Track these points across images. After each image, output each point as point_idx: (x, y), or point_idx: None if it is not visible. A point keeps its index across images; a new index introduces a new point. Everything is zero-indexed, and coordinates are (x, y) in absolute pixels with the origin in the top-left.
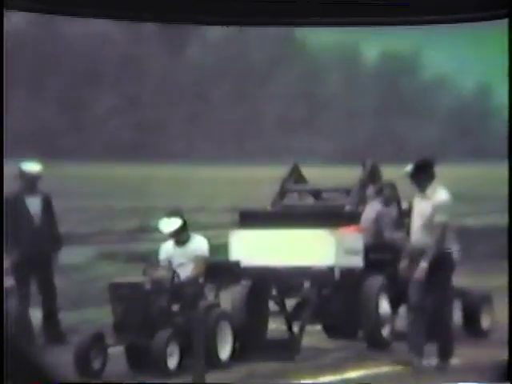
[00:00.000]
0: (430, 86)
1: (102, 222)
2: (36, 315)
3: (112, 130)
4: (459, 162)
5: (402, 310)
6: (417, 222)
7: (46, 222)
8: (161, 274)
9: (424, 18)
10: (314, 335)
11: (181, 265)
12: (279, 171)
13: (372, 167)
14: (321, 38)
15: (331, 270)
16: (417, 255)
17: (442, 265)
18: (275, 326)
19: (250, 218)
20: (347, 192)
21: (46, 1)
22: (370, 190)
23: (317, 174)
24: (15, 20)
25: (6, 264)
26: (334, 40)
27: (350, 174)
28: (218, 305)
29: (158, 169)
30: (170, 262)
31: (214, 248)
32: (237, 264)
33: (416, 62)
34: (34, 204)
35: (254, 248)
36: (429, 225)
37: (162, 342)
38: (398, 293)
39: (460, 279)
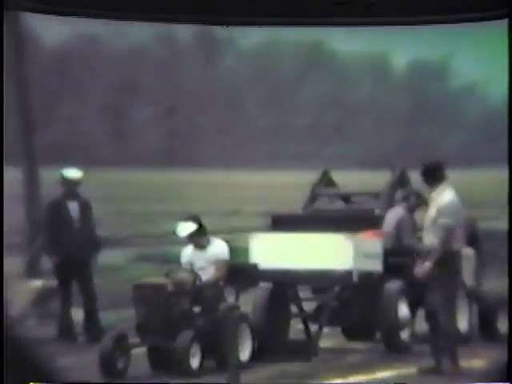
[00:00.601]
0: (459, 93)
1: (140, 225)
2: (78, 315)
3: (149, 138)
4: (487, 168)
5: (421, 313)
6: (425, 224)
7: (85, 225)
8: (183, 276)
9: (424, 18)
10: (333, 337)
11: (202, 268)
12: (310, 176)
13: (401, 172)
14: (350, 47)
15: (349, 273)
16: (426, 256)
17: (446, 266)
18: (296, 328)
19: (282, 222)
20: (376, 196)
21: (46, 1)
22: (399, 195)
23: (347, 179)
24: (59, 35)
25: (49, 266)
26: (364, 48)
27: (379, 179)
28: (237, 307)
29: (193, 174)
30: (191, 265)
31: (246, 251)
32: (255, 267)
33: (445, 69)
34: (74, 208)
35: (274, 251)
36: (432, 227)
37: (185, 343)
38: (417, 296)
39: (487, 282)
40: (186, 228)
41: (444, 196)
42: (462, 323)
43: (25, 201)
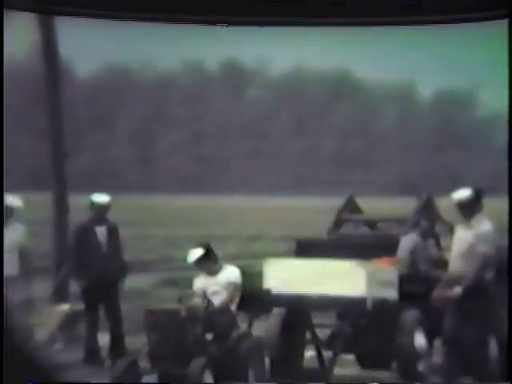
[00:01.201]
0: (485, 121)
1: (165, 249)
2: (104, 339)
3: (176, 164)
4: None
5: (438, 343)
6: (457, 250)
7: (112, 250)
8: (196, 301)
9: (424, 18)
10: (347, 365)
11: (214, 293)
12: (335, 202)
13: (427, 198)
14: (377, 75)
15: (363, 300)
16: (453, 283)
17: (478, 295)
18: (310, 355)
19: (307, 247)
20: (402, 222)
21: (46, 1)
22: (424, 221)
23: (372, 205)
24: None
25: (77, 290)
26: (390, 76)
27: (404, 206)
28: (250, 334)
29: (218, 199)
30: (204, 292)
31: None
32: (268, 292)
33: (471, 98)
34: (102, 233)
35: (288, 276)
36: (469, 254)
37: (197, 369)
38: (434, 326)
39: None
40: (193, 254)
41: (485, 224)
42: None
43: (54, 225)
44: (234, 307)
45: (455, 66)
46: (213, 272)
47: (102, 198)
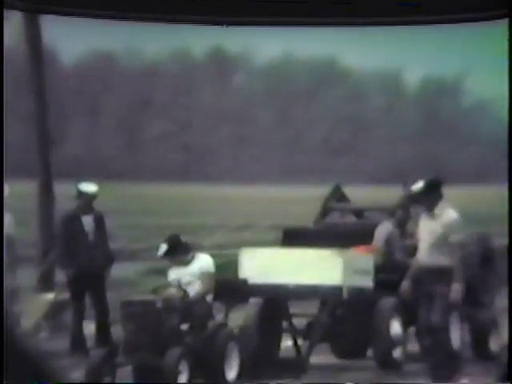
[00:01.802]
0: (471, 109)
1: (152, 239)
2: (90, 328)
3: (163, 152)
4: (499, 184)
5: (413, 330)
6: (426, 241)
7: (99, 239)
8: (171, 292)
9: (424, 18)
10: (323, 354)
11: (189, 283)
12: (322, 191)
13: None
14: (363, 63)
15: (339, 288)
16: (426, 274)
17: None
18: (286, 344)
19: (293, 236)
20: (388, 211)
21: (45, 1)
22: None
23: (359, 194)
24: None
25: (63, 279)
26: (377, 63)
27: (391, 195)
28: (226, 325)
29: (205, 188)
30: (178, 282)
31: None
32: (245, 282)
33: (457, 86)
34: (88, 222)
35: (264, 266)
36: (440, 244)
37: (173, 360)
38: (410, 314)
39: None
40: (160, 248)
41: (450, 213)
42: (455, 341)
43: (40, 214)
44: (209, 297)
45: (442, 53)
46: (185, 262)
47: (89, 188)
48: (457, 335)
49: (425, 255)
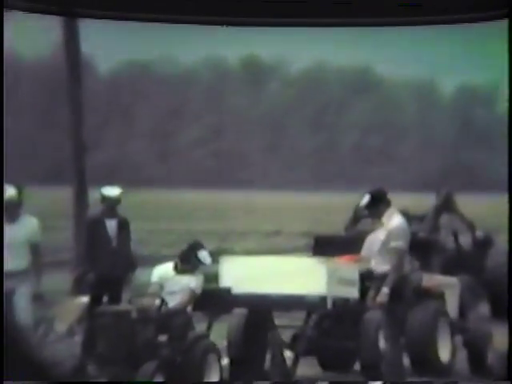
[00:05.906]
0: (506, 118)
1: (184, 244)
2: None
3: (195, 159)
4: None
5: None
6: (374, 248)
7: (122, 244)
8: (148, 302)
9: (423, 18)
10: (309, 366)
11: (172, 293)
12: (354, 198)
13: (446, 196)
14: (397, 71)
15: (323, 299)
16: (377, 281)
17: (402, 289)
18: (272, 356)
19: (325, 243)
20: (421, 219)
21: (45, 1)
22: (444, 218)
23: (391, 201)
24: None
25: (83, 282)
26: (411, 72)
27: (424, 202)
28: (206, 336)
29: (237, 194)
30: (160, 288)
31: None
32: (228, 291)
33: (491, 95)
34: (111, 226)
35: (245, 275)
36: (384, 251)
37: (147, 374)
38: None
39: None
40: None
41: (394, 219)
42: (444, 355)
43: (74, 219)
44: (189, 308)
45: (476, 61)
46: (188, 273)
47: (112, 191)
48: (446, 348)
49: (374, 263)
